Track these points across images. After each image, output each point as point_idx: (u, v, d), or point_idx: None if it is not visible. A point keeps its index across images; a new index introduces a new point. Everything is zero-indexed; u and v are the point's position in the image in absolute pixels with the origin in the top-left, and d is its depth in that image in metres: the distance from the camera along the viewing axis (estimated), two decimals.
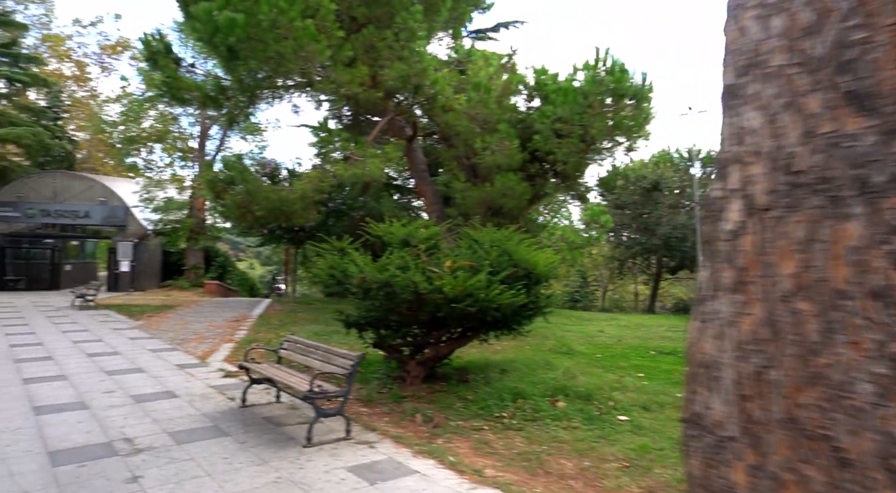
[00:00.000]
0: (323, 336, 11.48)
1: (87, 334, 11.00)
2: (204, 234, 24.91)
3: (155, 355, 8.94)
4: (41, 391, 6.41)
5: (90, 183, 24.92)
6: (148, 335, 11.14)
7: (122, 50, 37.16)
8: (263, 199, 12.73)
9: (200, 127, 25.46)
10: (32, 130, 23.44)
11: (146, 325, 12.79)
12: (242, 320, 14.06)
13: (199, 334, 11.54)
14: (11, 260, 23.59)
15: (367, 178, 12.52)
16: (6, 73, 23.91)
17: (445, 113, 13.72)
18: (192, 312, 15.82)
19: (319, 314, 15.97)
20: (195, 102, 13.75)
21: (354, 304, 7.65)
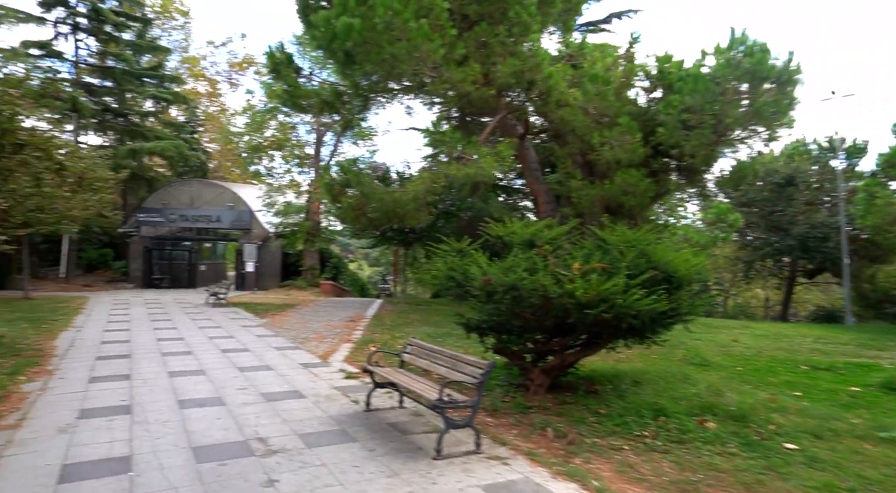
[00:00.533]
0: (437, 339, 11.36)
1: (220, 331, 11.72)
2: (319, 236, 26.12)
3: (280, 353, 9.25)
4: (184, 385, 6.76)
5: (221, 189, 27.10)
6: (272, 333, 11.65)
7: (248, 66, 40.30)
8: (378, 200, 12.88)
9: (316, 134, 26.76)
10: (174, 142, 25.94)
11: (270, 323, 13.45)
12: (357, 320, 14.38)
13: (319, 333, 11.89)
14: (157, 260, 26.22)
15: (479, 178, 12.25)
16: (153, 92, 26.65)
17: (560, 109, 13.09)
18: (310, 311, 16.50)
19: (430, 315, 15.98)
20: (313, 108, 14.28)
21: (474, 307, 7.32)
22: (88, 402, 5.91)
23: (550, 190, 14.85)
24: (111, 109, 27.26)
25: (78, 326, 11.88)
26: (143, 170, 28.68)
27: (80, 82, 25.72)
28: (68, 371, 7.45)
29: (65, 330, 11.21)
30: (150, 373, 7.42)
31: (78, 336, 10.48)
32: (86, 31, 25.49)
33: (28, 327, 11.42)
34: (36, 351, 8.78)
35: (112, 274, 26.19)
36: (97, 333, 10.97)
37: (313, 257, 26.47)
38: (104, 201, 20.54)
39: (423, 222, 14.22)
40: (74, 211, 17.14)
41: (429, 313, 16.74)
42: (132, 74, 26.69)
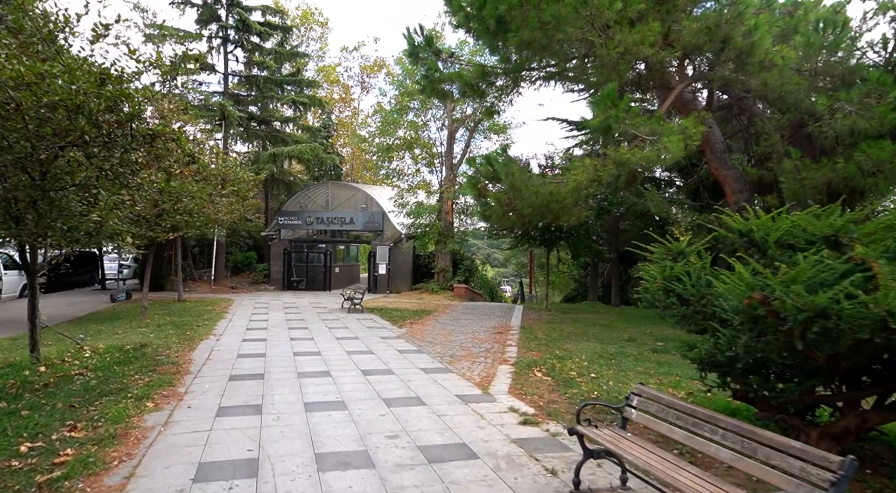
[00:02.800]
0: (609, 359, 9.15)
1: (359, 344, 10.51)
2: (451, 237, 24.86)
3: (429, 378, 7.65)
4: (323, 427, 5.32)
5: (354, 191, 26.95)
6: (414, 348, 10.20)
7: (379, 69, 40.67)
8: (532, 194, 10.96)
9: (447, 131, 25.53)
10: (310, 145, 26.20)
11: (410, 333, 12.09)
12: (504, 331, 12.56)
13: (466, 348, 10.22)
14: (295, 263, 26.65)
15: (661, 161, 9.84)
16: (292, 97, 27.19)
17: (764, 71, 10.21)
18: (449, 319, 15.02)
19: (587, 327, 13.72)
20: (455, 92, 12.72)
21: (716, 335, 5.08)
22: (210, 451, 4.63)
23: (744, 175, 11.86)
24: (255, 116, 28.32)
25: (218, 333, 11.36)
26: (283, 174, 29.53)
27: (230, 93, 26.92)
28: (198, 396, 6.41)
29: (206, 338, 10.67)
30: (284, 404, 6.12)
31: (216, 347, 9.79)
32: (234, 42, 26.60)
33: (173, 335, 11.08)
34: (173, 365, 8.03)
35: (255, 276, 27.09)
36: (235, 343, 10.25)
37: (445, 258, 25.27)
38: (248, 205, 20.90)
39: (584, 219, 12.02)
40: (220, 214, 17.33)
41: (583, 323, 14.48)
42: (273, 82, 27.46)
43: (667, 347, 10.77)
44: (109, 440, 4.78)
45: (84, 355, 8.51)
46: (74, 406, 5.85)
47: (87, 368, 7.69)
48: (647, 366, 8.83)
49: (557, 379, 7.63)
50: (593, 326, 14.27)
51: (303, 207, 26.48)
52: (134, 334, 11.16)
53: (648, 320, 16.72)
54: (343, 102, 43.13)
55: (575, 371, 8.02)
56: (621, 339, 11.96)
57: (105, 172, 5.69)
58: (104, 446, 4.67)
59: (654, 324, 15.34)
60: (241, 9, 25.71)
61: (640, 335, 12.53)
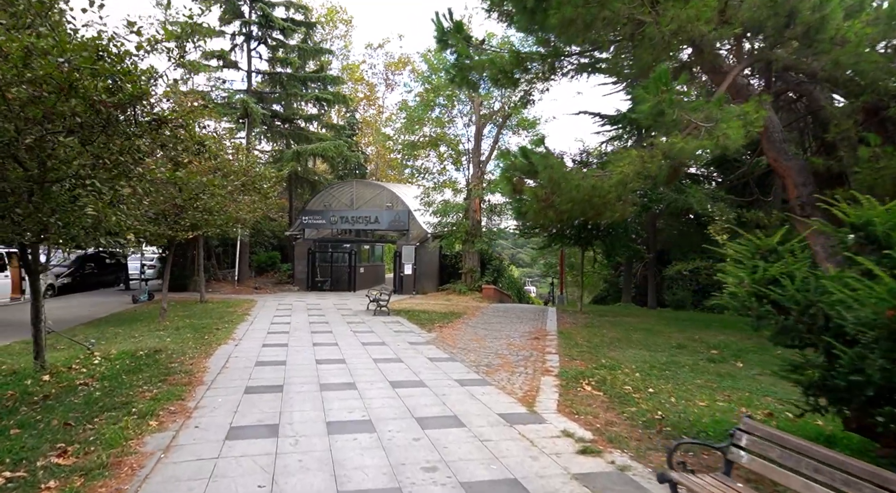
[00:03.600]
0: (664, 371, 8.20)
1: (386, 350, 9.75)
2: (479, 236, 24.00)
3: (466, 392, 6.82)
4: (348, 454, 4.55)
5: (379, 189, 26.30)
6: (446, 355, 9.39)
7: (404, 66, 40.05)
8: (572, 189, 10.06)
9: (475, 126, 24.67)
10: (335, 143, 25.64)
11: (440, 338, 11.29)
12: (541, 336, 11.67)
13: (503, 356, 9.37)
14: (319, 263, 26.12)
15: (719, 149, 8.82)
16: (316, 94, 26.68)
17: (835, 49, 9.12)
18: (480, 322, 14.18)
19: (628, 332, 12.73)
20: (488, 80, 11.87)
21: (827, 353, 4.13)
22: (215, 487, 3.89)
23: (807, 166, 10.75)
24: (279, 115, 27.90)
25: (237, 338, 10.73)
26: (307, 173, 29.06)
27: (253, 91, 26.53)
28: (208, 412, 5.70)
29: (224, 343, 10.04)
30: (304, 423, 5.37)
31: (234, 353, 9.13)
32: (257, 39, 26.20)
33: (190, 338, 10.49)
34: (185, 374, 7.37)
35: (279, 276, 26.65)
36: (254, 348, 9.58)
37: (473, 258, 24.41)
38: (270, 203, 20.38)
39: (628, 215, 11.08)
40: (242, 213, 16.81)
41: (623, 328, 13.48)
42: (297, 79, 26.99)
43: (723, 355, 9.75)
44: (99, 471, 4.08)
45: (93, 362, 7.94)
46: (70, 424, 5.20)
47: (93, 376, 7.09)
48: (708, 379, 7.86)
49: (611, 394, 6.74)
50: (635, 330, 13.26)
51: (327, 206, 25.94)
52: (150, 337, 10.60)
53: (692, 323, 15.62)
54: (367, 101, 42.64)
55: (630, 385, 7.11)
56: (669, 346, 10.96)
57: (102, 161, 5.02)
58: (92, 478, 3.97)
59: (699, 328, 14.25)
60: (265, 4, 25.27)
61: (688, 342, 11.51)
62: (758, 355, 9.69)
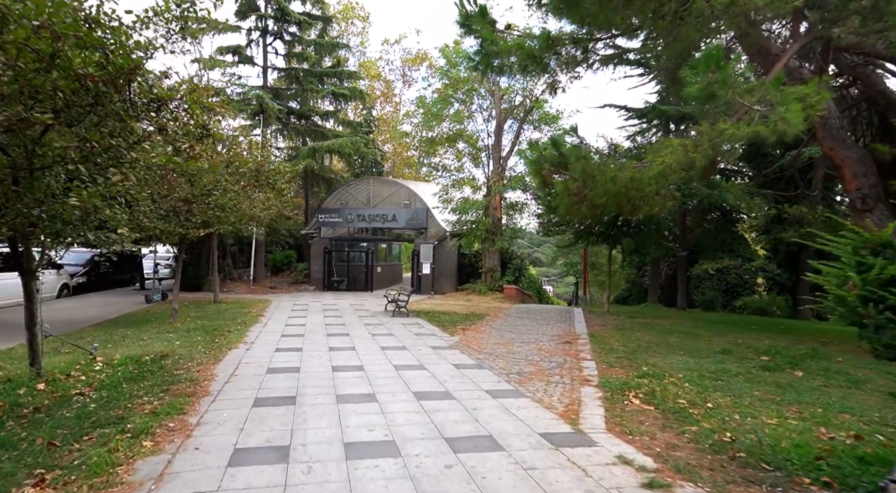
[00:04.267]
0: (715, 381, 7.38)
1: (407, 356, 9.06)
2: (500, 234, 23.21)
3: (499, 405, 6.09)
4: (369, 488, 3.85)
5: (396, 187, 25.66)
6: (473, 362, 8.66)
7: (421, 62, 39.40)
8: (608, 181, 9.27)
9: (496, 121, 23.89)
10: (351, 139, 25.06)
11: (463, 342, 10.57)
12: (572, 340, 10.89)
13: (534, 362, 8.62)
14: (336, 262, 25.57)
15: (776, 136, 7.97)
16: (333, 89, 26.12)
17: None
18: (504, 324, 13.43)
19: (663, 335, 11.88)
20: (514, 66, 11.12)
21: None
22: None
23: (868, 155, 9.81)
24: (294, 111, 27.42)
25: (249, 341, 10.13)
26: (323, 171, 28.55)
27: (269, 88, 26.06)
28: (211, 430, 5.05)
29: (235, 347, 9.43)
30: (318, 444, 4.69)
31: (245, 358, 8.51)
32: (273, 34, 25.72)
33: (200, 341, 9.91)
34: (190, 383, 6.75)
35: (295, 276, 26.16)
36: (267, 353, 8.96)
37: (493, 257, 23.64)
38: (286, 201, 19.85)
39: (668, 209, 10.25)
40: (256, 210, 16.27)
41: (657, 331, 12.63)
42: (313, 74, 26.48)
43: (777, 363, 8.88)
44: None
45: (94, 369, 7.35)
46: (55, 444, 4.58)
47: (91, 385, 6.49)
48: (767, 390, 7.03)
49: (663, 409, 5.95)
50: (670, 333, 12.42)
51: (343, 205, 25.37)
52: (159, 340, 10.04)
53: (730, 325, 14.71)
54: (384, 98, 42.07)
55: (683, 398, 6.31)
56: (713, 351, 10.11)
57: (90, 145, 4.39)
58: None
59: (739, 331, 13.36)
60: None
61: (732, 346, 10.65)
62: (816, 363, 8.80)
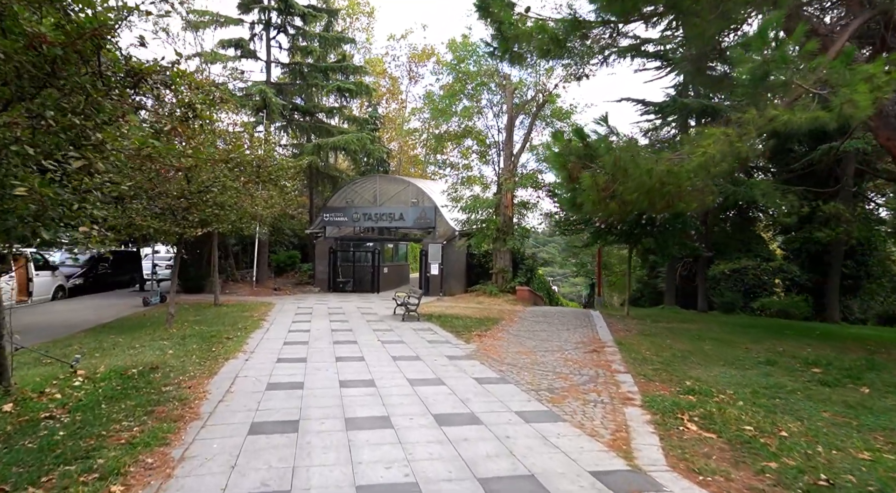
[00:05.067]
0: (772, 399, 6.49)
1: (421, 367, 8.21)
2: (511, 234, 22.33)
3: (536, 434, 5.23)
4: None
5: (404, 185, 24.82)
6: (495, 375, 7.80)
7: (428, 57, 38.55)
8: (642, 174, 8.40)
9: (507, 115, 23.00)
10: (357, 135, 24.25)
11: (481, 350, 9.71)
12: (599, 348, 10.02)
13: (564, 375, 7.76)
14: (341, 263, 24.77)
15: (839, 121, 7.09)
16: (338, 84, 25.30)
17: None
18: (522, 329, 12.57)
19: (694, 341, 10.99)
20: (535, 51, 10.25)
21: None
22: None
23: None
24: (299, 107, 26.63)
25: (249, 350, 9.30)
26: (329, 168, 27.75)
27: (272, 83, 25.27)
28: (196, 468, 4.22)
29: (233, 357, 8.61)
30: (325, 489, 3.85)
31: (243, 370, 7.68)
32: (276, 27, 24.93)
33: (196, 350, 9.09)
34: (179, 403, 5.92)
35: (300, 277, 25.38)
36: (267, 364, 8.12)
37: (504, 258, 22.75)
38: (289, 199, 19.06)
39: (707, 206, 9.37)
40: (258, 208, 15.48)
41: (686, 336, 11.74)
42: (318, 69, 25.67)
43: (833, 375, 7.98)
44: None
45: (73, 385, 6.54)
46: (4, 490, 3.75)
47: (65, 406, 5.68)
48: (836, 411, 6.14)
49: (728, 437, 5.08)
50: (701, 340, 11.53)
51: (349, 203, 24.54)
52: (151, 348, 9.23)
53: (760, 330, 13.80)
54: (390, 95, 41.22)
55: (749, 423, 5.43)
56: (755, 361, 9.23)
57: (44, 123, 3.56)
58: None
59: (772, 336, 12.46)
60: None
61: (774, 355, 9.76)
62: (878, 376, 7.91)
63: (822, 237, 15.19)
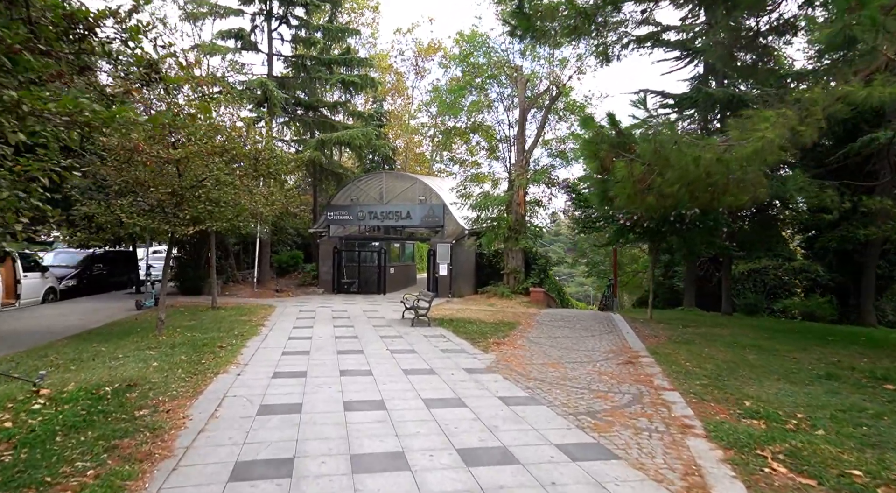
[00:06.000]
0: (859, 425, 5.44)
1: (438, 384, 7.20)
2: (523, 232, 21.29)
3: (586, 477, 4.21)
4: None
5: (411, 181, 23.82)
6: (523, 393, 6.78)
7: (434, 52, 37.52)
8: (688, 163, 7.35)
9: (520, 108, 21.95)
10: (362, 130, 23.25)
11: (502, 362, 8.69)
12: (633, 359, 8.97)
13: (601, 393, 6.73)
14: (346, 263, 23.80)
15: None
16: (342, 77, 24.31)
17: None
18: (542, 335, 11.55)
19: (733, 350, 9.91)
20: (560, 29, 9.21)
21: None
22: None
23: None
24: (302, 102, 25.66)
25: (243, 362, 8.31)
26: (332, 165, 26.78)
27: (274, 77, 24.29)
28: None
29: (223, 370, 7.62)
30: None
31: (232, 389, 6.69)
32: (278, 18, 23.94)
33: (184, 362, 8.12)
34: (151, 434, 4.93)
35: (303, 277, 24.41)
36: (262, 380, 7.13)
37: (516, 257, 21.72)
38: (291, 196, 18.09)
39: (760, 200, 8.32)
40: (258, 205, 14.50)
41: (722, 344, 10.66)
42: (321, 62, 24.68)
43: None
44: None
45: (31, 408, 5.56)
46: None
47: (12, 438, 4.69)
48: None
49: (834, 487, 4.03)
50: (739, 347, 10.47)
51: (354, 201, 23.56)
52: (134, 360, 8.25)
53: (801, 336, 12.73)
54: (396, 91, 40.22)
55: (853, 465, 4.39)
56: (810, 373, 8.18)
57: None
58: None
59: (816, 342, 11.38)
60: None
61: (828, 366, 8.72)
62: None
63: (868, 235, 14.06)
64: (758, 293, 24.08)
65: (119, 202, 9.81)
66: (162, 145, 9.81)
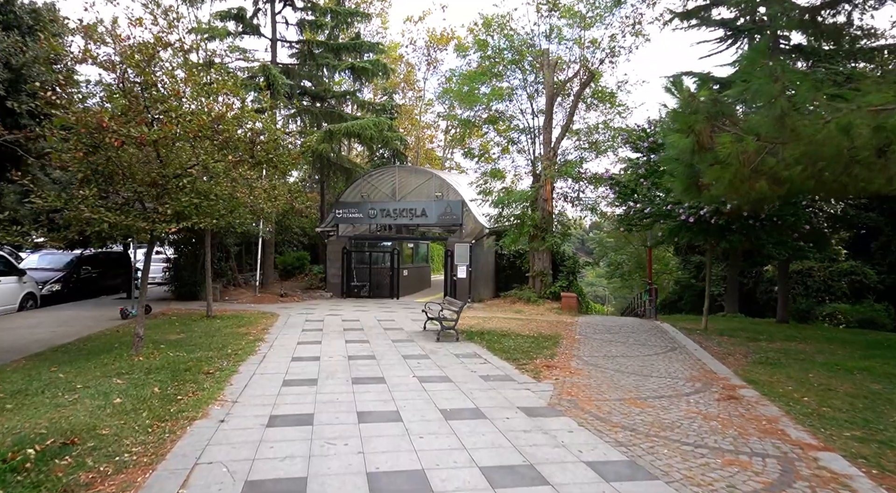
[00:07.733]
0: None
1: (495, 438, 5.26)
2: (551, 231, 19.31)
3: None
4: None
5: (426, 177, 21.91)
6: (618, 455, 4.82)
7: (447, 41, 35.61)
8: (838, 131, 5.39)
9: (546, 94, 19.95)
10: (373, 119, 21.35)
11: (566, 395, 6.73)
12: (732, 393, 6.99)
13: (731, 457, 4.75)
14: (356, 265, 21.92)
15: None
16: (351, 63, 22.42)
17: None
18: (595, 353, 9.58)
19: (839, 375, 7.90)
20: None
21: None
22: None
23: None
24: (308, 91, 23.81)
25: (231, 398, 6.39)
26: (341, 159, 24.91)
27: (279, 64, 22.44)
28: None
29: (203, 414, 5.70)
30: None
31: (211, 444, 4.77)
32: (282, 0, 22.08)
33: (156, 395, 6.25)
34: None
35: (310, 280, 22.55)
36: (252, 433, 5.20)
37: (543, 258, 19.75)
38: (295, 190, 16.21)
39: None
40: (259, 201, 12.64)
41: (814, 365, 8.64)
42: (329, 47, 22.82)
43: None
44: None
45: None
46: None
47: None
48: None
49: None
50: (846, 371, 8.48)
51: (365, 198, 21.67)
52: (94, 392, 6.36)
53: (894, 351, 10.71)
54: (406, 83, 38.30)
55: None
56: None
57: None
58: None
59: None
60: None
61: None
62: None
63: None
64: (808, 297, 22.08)
65: (80, 194, 7.93)
66: (135, 122, 7.93)
